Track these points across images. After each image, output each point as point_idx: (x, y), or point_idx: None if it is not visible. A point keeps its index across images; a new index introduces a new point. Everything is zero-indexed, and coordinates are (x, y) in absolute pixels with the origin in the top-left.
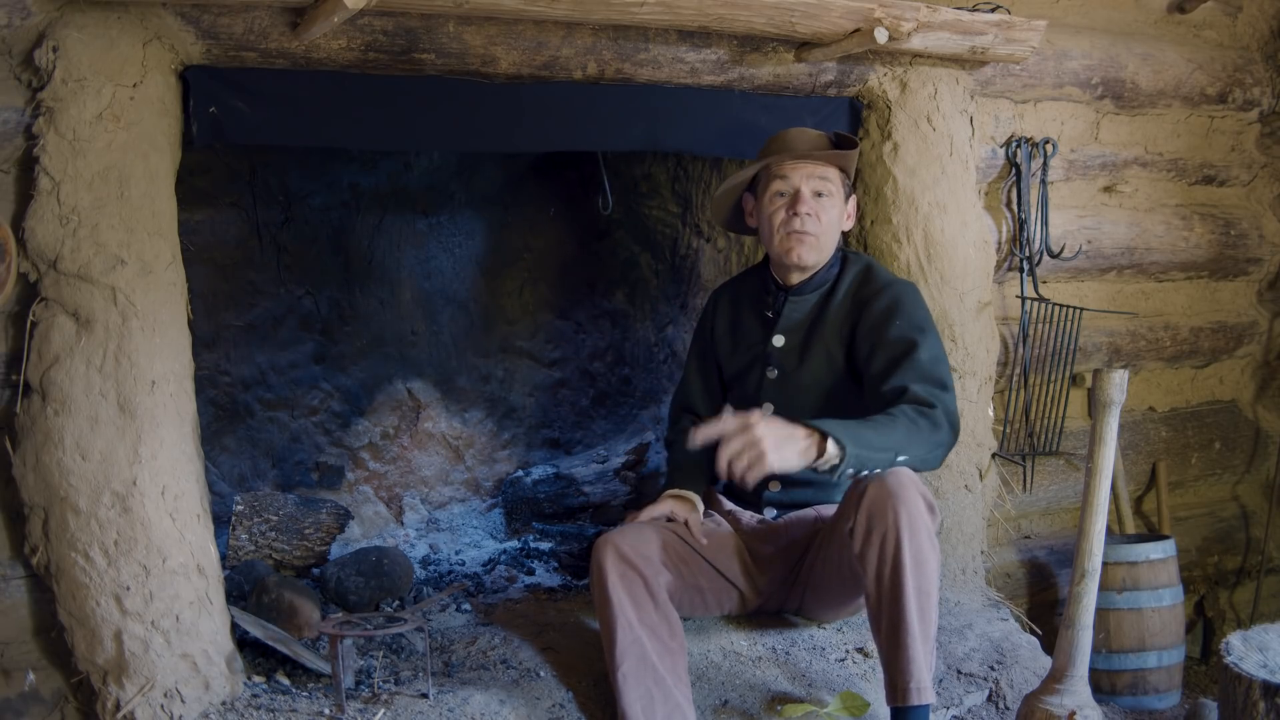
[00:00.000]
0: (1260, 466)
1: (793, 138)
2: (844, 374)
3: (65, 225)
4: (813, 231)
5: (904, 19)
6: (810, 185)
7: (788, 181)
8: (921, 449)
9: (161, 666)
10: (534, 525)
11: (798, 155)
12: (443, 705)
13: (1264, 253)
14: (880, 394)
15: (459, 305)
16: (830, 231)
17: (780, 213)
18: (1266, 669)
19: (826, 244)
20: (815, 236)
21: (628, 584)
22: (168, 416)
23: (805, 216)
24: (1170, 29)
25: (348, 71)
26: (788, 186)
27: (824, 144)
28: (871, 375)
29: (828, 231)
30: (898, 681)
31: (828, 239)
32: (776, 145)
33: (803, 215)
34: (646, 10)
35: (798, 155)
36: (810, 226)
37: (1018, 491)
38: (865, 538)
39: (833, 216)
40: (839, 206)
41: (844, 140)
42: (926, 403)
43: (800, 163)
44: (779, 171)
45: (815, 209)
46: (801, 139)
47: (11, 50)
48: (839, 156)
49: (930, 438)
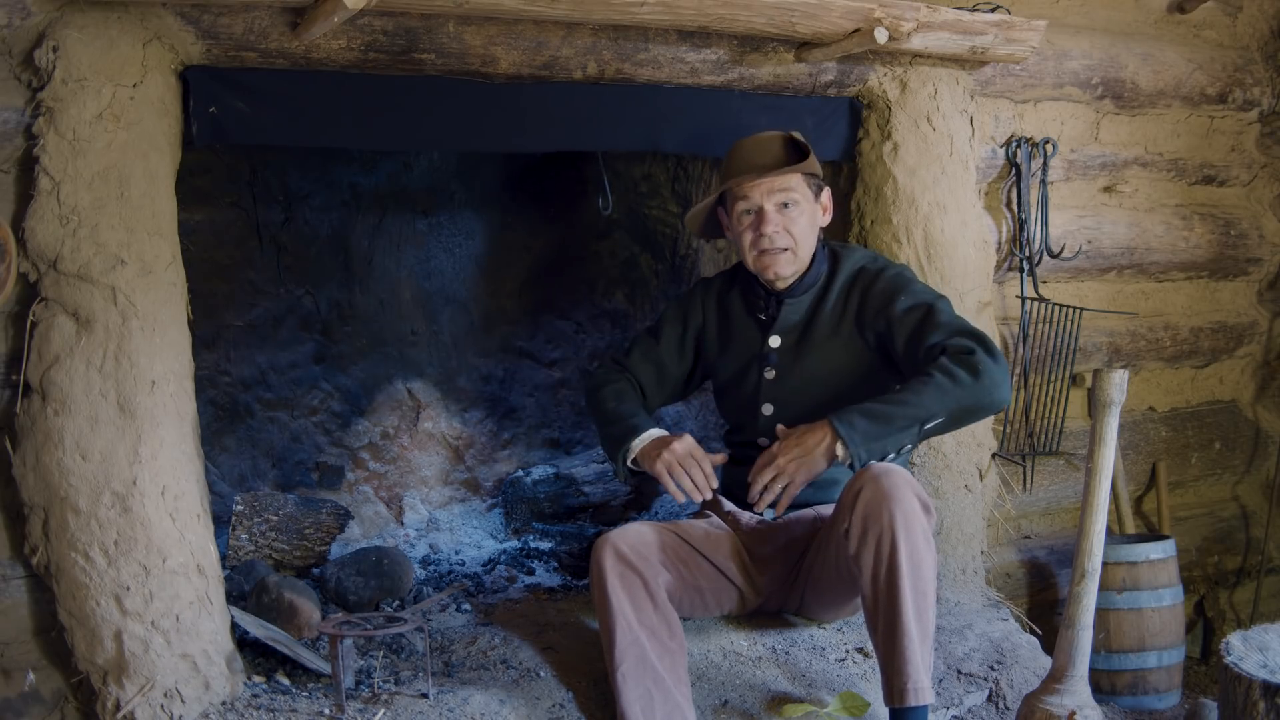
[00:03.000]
0: (1260, 466)
1: (749, 151)
2: (841, 369)
3: (65, 225)
4: (783, 245)
5: (904, 19)
6: (773, 200)
7: (750, 200)
8: (968, 398)
9: (161, 666)
10: (534, 525)
11: (755, 174)
12: (443, 705)
13: (1264, 253)
14: (918, 356)
15: (459, 305)
16: (804, 238)
17: (748, 232)
18: (1266, 669)
19: (802, 251)
20: (789, 250)
21: (627, 584)
22: (168, 416)
23: (774, 234)
24: (1170, 29)
25: (348, 71)
26: (751, 205)
27: (779, 149)
28: (901, 353)
29: (801, 240)
30: (895, 682)
31: (803, 246)
32: (735, 163)
33: (770, 234)
34: (646, 10)
35: (755, 174)
36: (780, 242)
37: (1018, 491)
38: (861, 539)
39: (804, 224)
40: (808, 211)
41: (800, 148)
42: (963, 350)
43: (758, 179)
44: (739, 192)
45: (783, 222)
46: (758, 151)
47: (11, 50)
48: (796, 168)
49: (977, 383)
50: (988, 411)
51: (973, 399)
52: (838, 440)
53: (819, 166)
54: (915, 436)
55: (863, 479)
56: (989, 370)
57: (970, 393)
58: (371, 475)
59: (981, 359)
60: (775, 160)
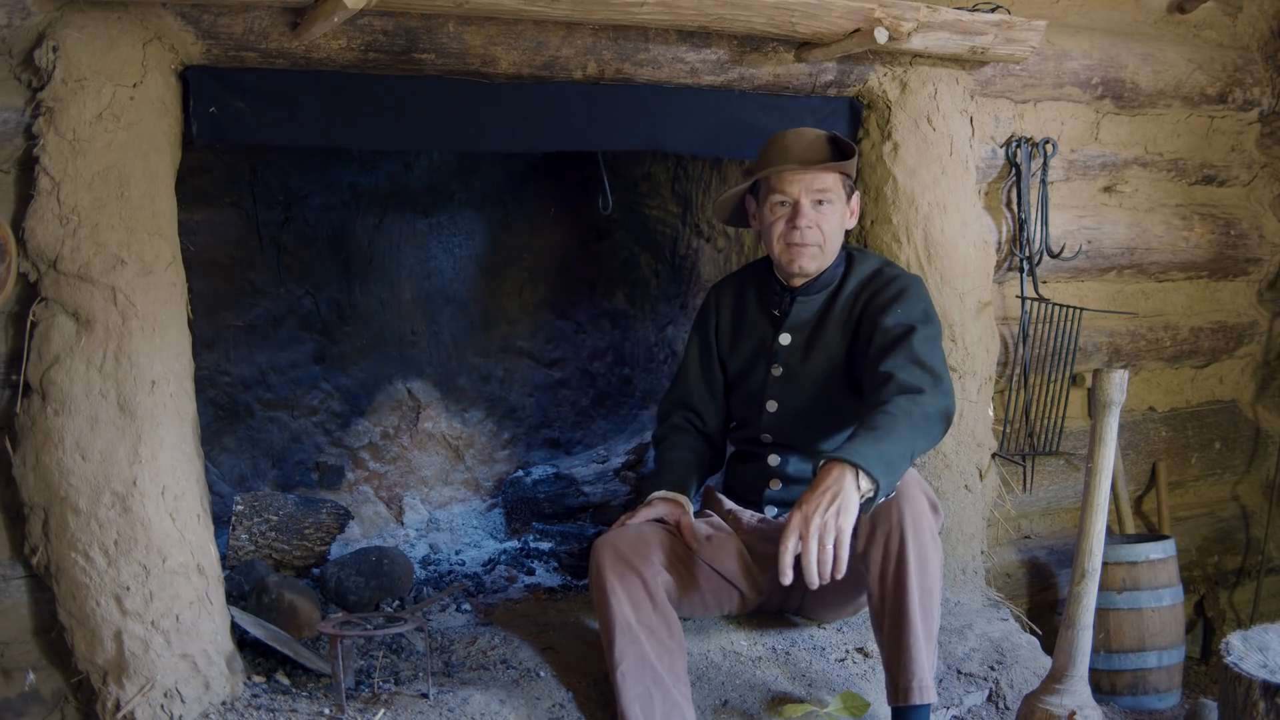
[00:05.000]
0: (1260, 466)
1: (790, 143)
2: (845, 371)
3: (65, 225)
4: (814, 242)
5: (904, 19)
6: (810, 196)
7: (787, 193)
8: (922, 440)
9: (161, 666)
10: (534, 525)
11: (796, 167)
12: (443, 705)
13: (1264, 253)
14: (873, 375)
15: (459, 305)
16: (833, 237)
17: (780, 224)
18: (1266, 669)
19: (830, 250)
20: (817, 246)
21: (626, 584)
22: (168, 416)
23: (806, 229)
24: (1170, 29)
25: (348, 71)
26: (787, 197)
27: (822, 146)
28: (868, 359)
29: (830, 238)
30: (899, 680)
31: (830, 245)
32: (774, 153)
33: (803, 228)
34: (646, 10)
35: (796, 167)
36: (811, 238)
37: (1018, 491)
38: (869, 536)
39: (834, 222)
40: (840, 211)
41: (844, 148)
42: (915, 389)
43: (799, 174)
44: (777, 184)
45: (816, 219)
46: (799, 143)
47: (11, 50)
48: (838, 166)
49: (925, 425)
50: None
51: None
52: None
53: (855, 169)
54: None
55: None
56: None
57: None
58: (371, 475)
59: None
60: (818, 156)
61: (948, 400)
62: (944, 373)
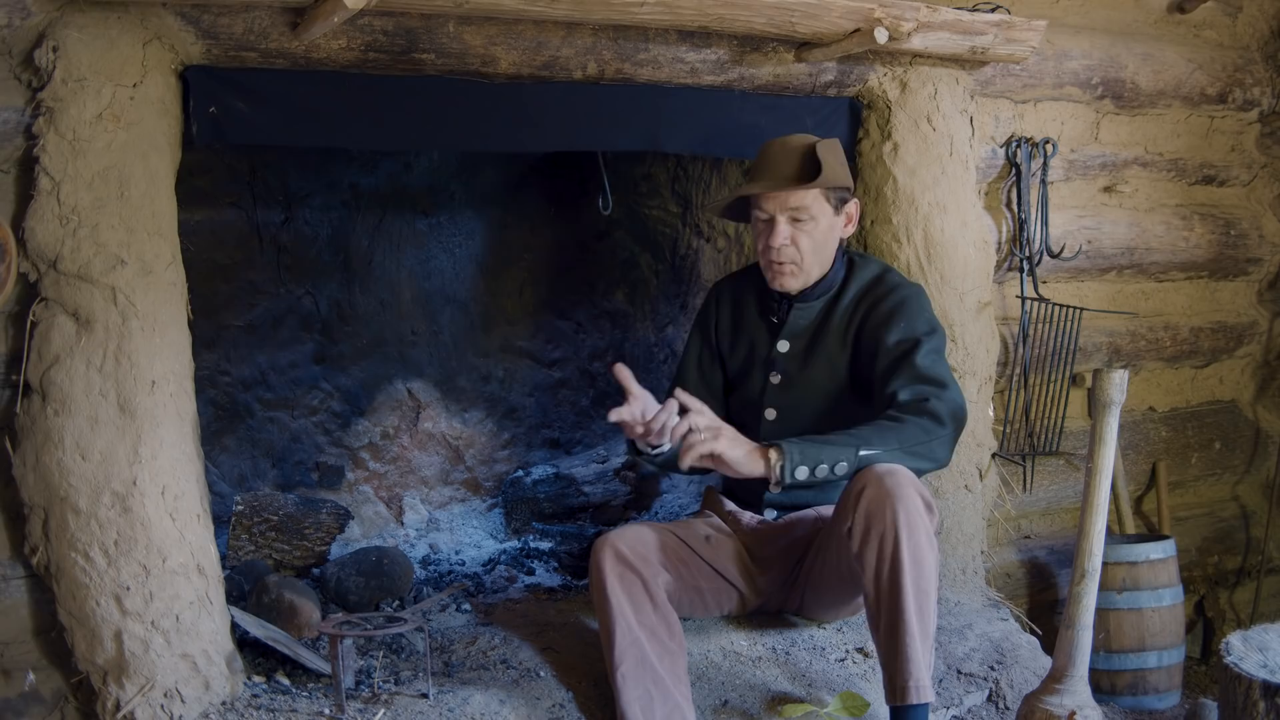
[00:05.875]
0: (1260, 466)
1: (774, 157)
2: (846, 379)
3: (65, 225)
4: (789, 259)
5: (904, 19)
6: (786, 214)
7: (765, 210)
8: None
9: (161, 666)
10: (534, 525)
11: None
12: (443, 705)
13: (1264, 253)
14: (882, 396)
15: (459, 305)
16: (813, 253)
17: (762, 239)
18: (1266, 669)
19: (810, 265)
20: (794, 264)
21: (626, 585)
22: (168, 416)
23: (781, 248)
24: (1170, 29)
25: (348, 71)
26: (765, 214)
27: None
28: (875, 379)
29: (810, 254)
30: (896, 680)
31: (811, 261)
32: (757, 168)
33: (776, 247)
34: (646, 10)
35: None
36: (786, 256)
37: (1018, 491)
38: (864, 537)
39: (815, 239)
40: (823, 226)
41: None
42: (919, 401)
43: (774, 192)
44: (757, 200)
45: (792, 236)
46: (783, 159)
47: (11, 50)
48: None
49: (926, 437)
50: (925, 467)
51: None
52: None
53: (847, 177)
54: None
55: (866, 478)
56: (937, 429)
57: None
58: (371, 475)
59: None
60: (795, 173)
61: (954, 403)
62: (950, 381)
